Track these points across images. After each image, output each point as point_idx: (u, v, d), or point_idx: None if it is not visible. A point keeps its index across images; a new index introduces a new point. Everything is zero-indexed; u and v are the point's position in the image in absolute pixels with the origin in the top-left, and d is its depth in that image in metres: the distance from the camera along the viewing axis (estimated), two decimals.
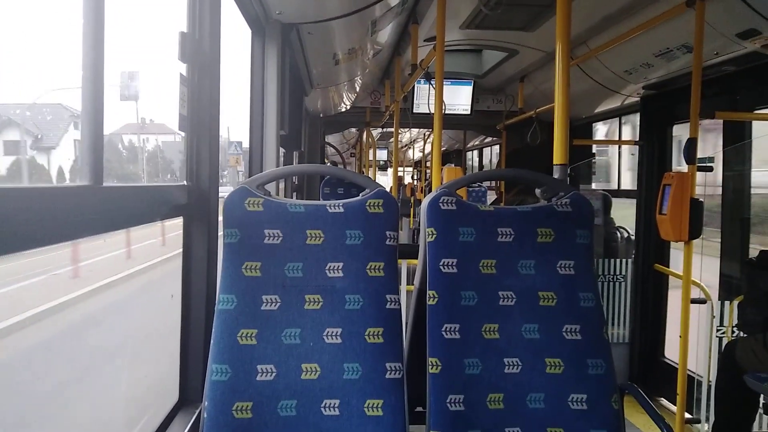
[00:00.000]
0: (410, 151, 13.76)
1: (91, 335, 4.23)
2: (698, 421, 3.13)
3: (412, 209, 8.24)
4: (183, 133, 1.57)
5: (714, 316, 3.03)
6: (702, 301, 3.08)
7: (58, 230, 0.92)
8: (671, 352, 3.79)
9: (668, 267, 3.80)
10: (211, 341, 1.31)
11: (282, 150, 3.66)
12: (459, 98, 5.27)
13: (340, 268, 1.38)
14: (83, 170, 1.04)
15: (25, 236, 0.84)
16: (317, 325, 1.34)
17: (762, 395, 2.39)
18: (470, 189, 6.73)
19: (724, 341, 2.98)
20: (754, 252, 3.03)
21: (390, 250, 1.41)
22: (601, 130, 5.35)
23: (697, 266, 3.01)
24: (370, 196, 1.41)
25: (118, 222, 1.20)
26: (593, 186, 5.14)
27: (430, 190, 1.82)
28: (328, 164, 10.48)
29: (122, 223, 1.23)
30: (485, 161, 9.29)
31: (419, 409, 1.50)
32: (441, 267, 1.41)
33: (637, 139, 4.08)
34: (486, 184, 7.46)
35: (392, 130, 5.33)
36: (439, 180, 2.96)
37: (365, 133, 7.75)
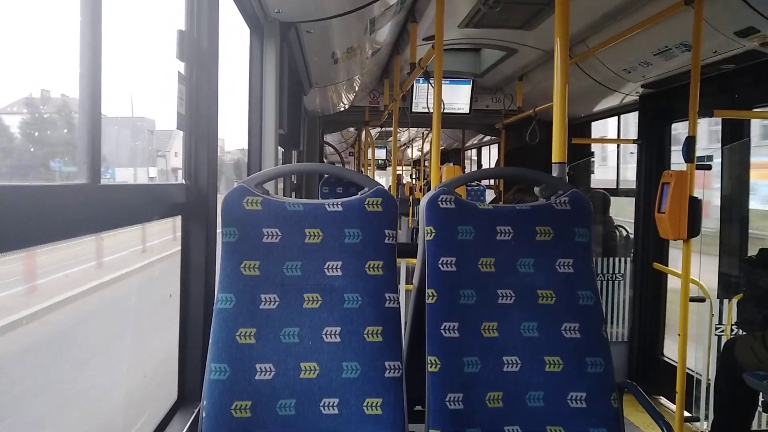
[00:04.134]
0: (409, 150, 13.76)
1: None
2: (697, 419, 3.14)
3: (410, 208, 8.24)
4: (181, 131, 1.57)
5: (713, 315, 3.03)
6: (701, 300, 3.08)
7: (56, 229, 0.92)
8: (670, 350, 3.80)
9: (667, 266, 3.80)
10: (210, 340, 1.30)
11: (281, 149, 3.65)
12: (458, 97, 5.26)
13: (338, 266, 1.37)
14: (81, 168, 1.04)
15: (22, 235, 0.83)
16: (316, 324, 1.34)
17: (761, 393, 2.39)
18: (469, 188, 6.73)
19: (723, 339, 2.98)
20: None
21: (389, 249, 1.40)
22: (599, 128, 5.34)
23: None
24: (369, 195, 1.41)
25: (116, 221, 1.19)
26: (591, 185, 5.14)
27: (428, 189, 1.81)
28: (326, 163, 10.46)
29: (120, 222, 1.22)
30: (484, 160, 9.28)
31: (418, 407, 1.50)
32: (440, 265, 1.41)
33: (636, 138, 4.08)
34: (485, 182, 7.46)
35: (391, 129, 5.32)
36: (438, 179, 2.96)
37: (364, 132, 7.74)
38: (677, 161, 2.69)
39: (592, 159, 5.02)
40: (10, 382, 1.96)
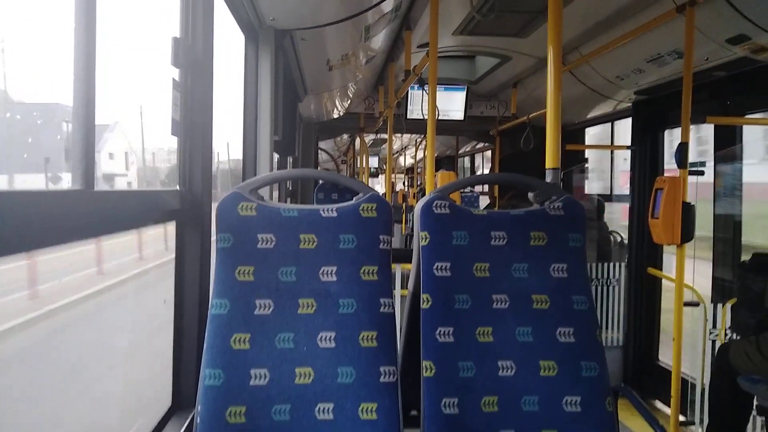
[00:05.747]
0: (401, 158, 13.76)
1: None
2: (692, 424, 3.14)
3: (404, 215, 8.25)
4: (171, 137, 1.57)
5: (707, 319, 3.04)
6: (695, 304, 3.09)
7: (50, 234, 0.92)
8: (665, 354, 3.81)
9: (661, 270, 3.81)
10: (204, 346, 1.30)
11: (276, 155, 3.66)
12: (452, 104, 5.28)
13: (333, 272, 1.38)
14: (75, 174, 1.04)
15: (16, 240, 0.83)
16: (311, 329, 1.34)
17: (755, 397, 2.40)
18: (463, 194, 6.75)
19: (717, 344, 2.99)
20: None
21: (383, 254, 1.41)
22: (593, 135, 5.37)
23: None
24: (364, 201, 1.41)
25: (110, 227, 1.19)
26: (586, 191, 5.16)
27: (423, 195, 1.82)
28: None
29: (114, 228, 1.22)
30: (477, 167, 9.31)
31: (414, 412, 1.50)
32: (435, 271, 1.41)
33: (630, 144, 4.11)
34: (478, 189, 7.48)
35: (384, 136, 5.33)
36: (433, 185, 2.97)
37: (358, 139, 7.76)
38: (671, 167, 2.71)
39: (586, 165, 5.05)
40: None
